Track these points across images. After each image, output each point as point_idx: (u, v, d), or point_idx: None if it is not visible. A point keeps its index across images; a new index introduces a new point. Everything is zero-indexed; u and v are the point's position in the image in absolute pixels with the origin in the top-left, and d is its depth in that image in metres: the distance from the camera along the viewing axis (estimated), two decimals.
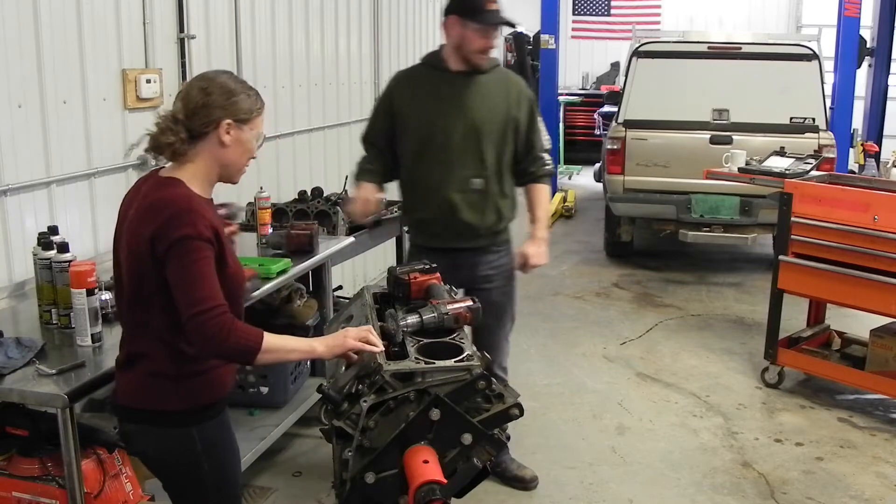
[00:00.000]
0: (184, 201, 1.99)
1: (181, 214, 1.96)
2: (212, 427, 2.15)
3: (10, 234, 3.05)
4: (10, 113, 3.01)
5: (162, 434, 2.12)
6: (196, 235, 1.95)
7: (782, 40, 7.67)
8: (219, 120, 2.04)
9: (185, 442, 2.11)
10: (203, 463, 2.13)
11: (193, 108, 2.04)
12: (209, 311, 1.92)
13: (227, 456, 2.24)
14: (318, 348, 2.09)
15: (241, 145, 2.10)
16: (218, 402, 2.18)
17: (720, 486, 3.71)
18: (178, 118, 2.04)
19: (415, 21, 7.59)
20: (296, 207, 4.36)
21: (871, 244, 4.02)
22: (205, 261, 1.95)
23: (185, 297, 1.94)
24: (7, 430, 2.42)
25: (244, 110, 2.08)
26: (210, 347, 1.97)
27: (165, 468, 2.20)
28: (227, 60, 4.37)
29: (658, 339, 5.61)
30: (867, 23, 9.93)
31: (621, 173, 6.85)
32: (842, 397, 4.62)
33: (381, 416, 1.93)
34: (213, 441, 2.16)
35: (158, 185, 2.06)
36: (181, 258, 1.94)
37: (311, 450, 3.93)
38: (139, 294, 2.05)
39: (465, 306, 2.20)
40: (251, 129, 2.11)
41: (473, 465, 1.95)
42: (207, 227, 1.98)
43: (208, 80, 2.10)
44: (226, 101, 2.05)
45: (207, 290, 1.94)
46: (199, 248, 1.95)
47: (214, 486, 2.19)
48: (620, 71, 11.28)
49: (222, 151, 2.08)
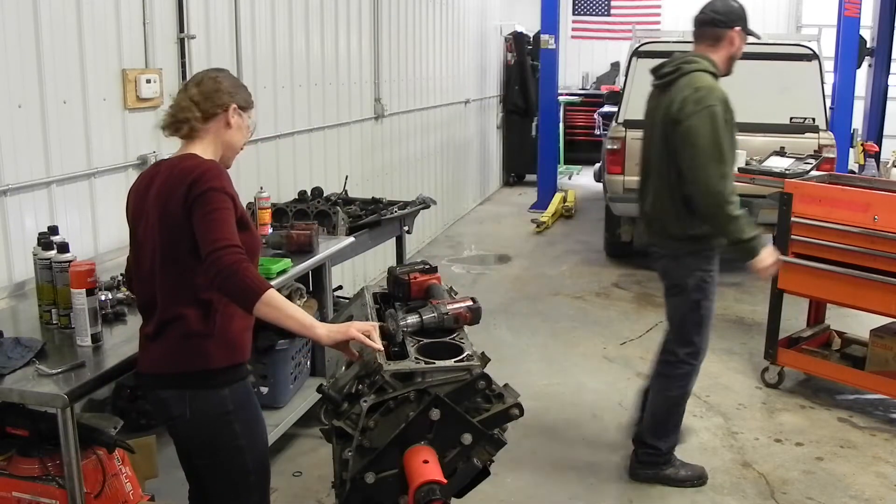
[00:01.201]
0: (210, 163, 2.25)
1: (209, 171, 2.19)
2: (241, 387, 2.32)
3: (10, 234, 3.05)
4: (10, 113, 3.01)
5: (195, 396, 2.24)
6: (221, 188, 2.17)
7: (782, 40, 7.67)
8: (228, 104, 2.35)
9: (218, 402, 2.25)
10: (234, 424, 2.27)
11: (207, 92, 2.34)
12: (227, 247, 2.08)
13: (255, 417, 2.38)
14: (318, 329, 2.13)
15: (240, 129, 2.41)
16: (243, 365, 2.33)
17: (720, 486, 3.71)
18: (194, 100, 2.32)
19: (415, 21, 7.60)
20: (296, 207, 4.36)
21: (871, 244, 4.01)
22: (227, 211, 2.16)
23: (208, 237, 2.11)
24: (7, 430, 2.42)
25: (245, 99, 2.43)
26: (220, 278, 2.07)
27: (200, 431, 2.28)
28: (227, 60, 4.37)
29: (658, 339, 5.55)
30: (867, 23, 9.93)
31: (621, 173, 6.84)
32: (842, 397, 4.62)
33: (381, 416, 1.93)
34: (243, 401, 2.31)
35: (180, 159, 2.29)
36: (206, 206, 2.14)
37: (311, 450, 3.93)
38: (174, 256, 2.20)
39: (465, 306, 2.20)
40: (249, 116, 2.44)
41: (473, 465, 1.96)
42: (231, 185, 2.23)
43: (216, 72, 2.43)
44: (233, 89, 2.39)
45: (228, 232, 2.12)
46: (223, 200, 2.16)
47: (247, 447, 2.31)
48: (620, 71, 11.28)
49: (227, 132, 2.37)
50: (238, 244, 2.11)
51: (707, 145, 3.14)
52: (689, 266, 3.38)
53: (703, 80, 3.22)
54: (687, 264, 3.38)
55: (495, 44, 11.33)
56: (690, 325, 3.49)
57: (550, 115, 10.17)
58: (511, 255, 7.95)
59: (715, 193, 3.15)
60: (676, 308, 3.52)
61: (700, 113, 3.14)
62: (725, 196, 3.15)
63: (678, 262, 3.42)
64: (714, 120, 3.14)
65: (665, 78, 3.37)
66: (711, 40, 3.33)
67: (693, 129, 3.14)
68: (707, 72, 3.27)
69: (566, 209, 9.77)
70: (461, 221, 9.58)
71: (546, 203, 9.84)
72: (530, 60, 11.30)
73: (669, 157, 3.29)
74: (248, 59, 4.56)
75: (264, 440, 2.47)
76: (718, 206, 3.17)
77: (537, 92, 10.45)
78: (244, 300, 2.09)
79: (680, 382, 3.58)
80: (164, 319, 2.23)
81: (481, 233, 9.00)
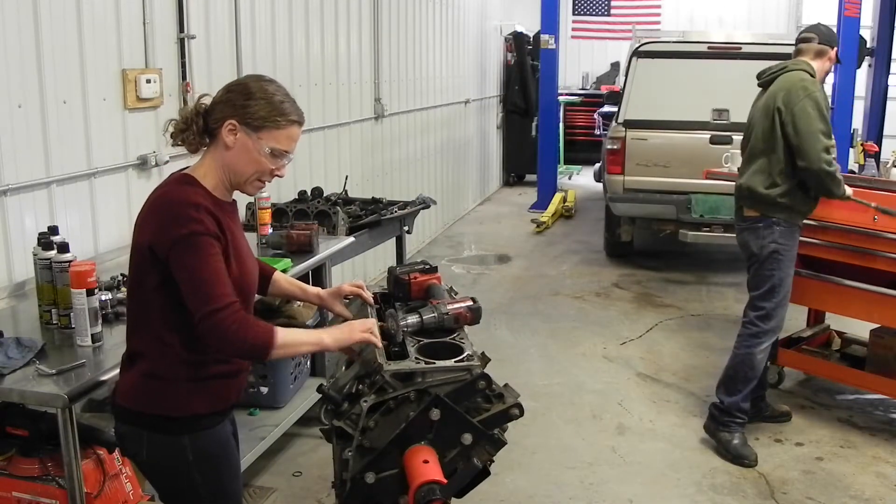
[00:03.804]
0: (184, 198, 1.94)
1: (181, 212, 1.91)
2: (207, 438, 2.07)
3: (10, 234, 3.05)
4: (10, 113, 3.01)
5: (152, 439, 2.05)
6: (202, 231, 1.90)
7: (782, 40, 7.67)
8: (224, 118, 1.99)
9: (175, 450, 2.04)
10: (194, 474, 2.06)
11: (213, 103, 2.04)
12: (223, 308, 1.88)
13: (222, 470, 2.14)
14: (325, 340, 2.07)
15: (246, 153, 2.01)
16: (216, 414, 2.09)
17: (720, 486, 3.71)
18: (199, 110, 2.03)
19: (415, 21, 7.60)
20: (296, 207, 4.36)
21: (871, 244, 4.01)
22: (214, 257, 1.91)
23: (197, 295, 1.89)
24: (7, 430, 2.42)
25: (257, 116, 1.99)
26: (226, 345, 1.93)
27: (155, 475, 2.14)
28: (227, 60, 4.37)
29: (658, 339, 5.61)
30: (867, 23, 9.92)
31: (621, 173, 6.85)
32: (842, 397, 4.62)
33: (382, 416, 1.93)
34: (207, 453, 2.08)
35: (168, 182, 2.05)
36: (189, 255, 1.89)
37: (311, 450, 3.93)
38: (140, 291, 2.01)
39: (465, 306, 2.20)
40: (261, 139, 2.00)
41: (473, 464, 1.95)
42: (213, 222, 1.93)
43: (245, 80, 2.07)
44: (240, 101, 2.00)
45: (220, 286, 1.90)
46: (207, 244, 1.91)
47: (208, 499, 2.11)
48: (620, 71, 11.30)
49: (225, 153, 2.02)
50: (234, 298, 1.91)
51: (814, 125, 3.70)
52: (765, 237, 3.85)
53: (805, 76, 3.82)
54: (763, 236, 3.86)
55: (495, 44, 11.33)
56: (764, 293, 3.92)
57: (550, 115, 10.17)
58: (511, 255, 7.95)
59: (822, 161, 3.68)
60: (753, 276, 3.98)
61: (806, 99, 3.73)
62: (830, 163, 3.70)
63: (756, 234, 3.88)
64: (817, 105, 3.73)
65: (769, 76, 3.95)
66: (814, 54, 3.95)
67: (802, 111, 3.72)
68: (808, 73, 3.86)
69: (566, 209, 9.78)
70: (461, 221, 9.58)
71: (546, 203, 9.84)
72: (530, 60, 11.30)
73: (774, 138, 3.81)
74: (248, 59, 4.56)
75: (235, 491, 2.20)
76: (826, 174, 3.71)
77: (537, 92, 10.44)
78: (256, 356, 1.99)
79: (746, 342, 4.00)
80: (131, 350, 2.08)
81: (481, 233, 9.00)
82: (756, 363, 3.97)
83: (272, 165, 2.04)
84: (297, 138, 2.08)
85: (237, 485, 2.22)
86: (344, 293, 2.37)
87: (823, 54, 3.96)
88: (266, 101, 2.00)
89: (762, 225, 3.86)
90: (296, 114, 2.06)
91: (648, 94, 6.91)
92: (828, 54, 3.97)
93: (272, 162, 2.03)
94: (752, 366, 3.97)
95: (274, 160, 2.04)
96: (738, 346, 4.05)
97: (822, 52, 3.96)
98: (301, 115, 2.08)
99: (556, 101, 10.54)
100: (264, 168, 2.04)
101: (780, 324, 4.00)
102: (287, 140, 2.04)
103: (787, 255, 3.86)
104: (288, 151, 2.05)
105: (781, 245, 3.84)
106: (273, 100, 2.01)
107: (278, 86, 2.08)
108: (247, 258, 2.12)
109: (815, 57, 3.96)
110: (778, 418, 4.31)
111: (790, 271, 3.90)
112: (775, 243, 3.83)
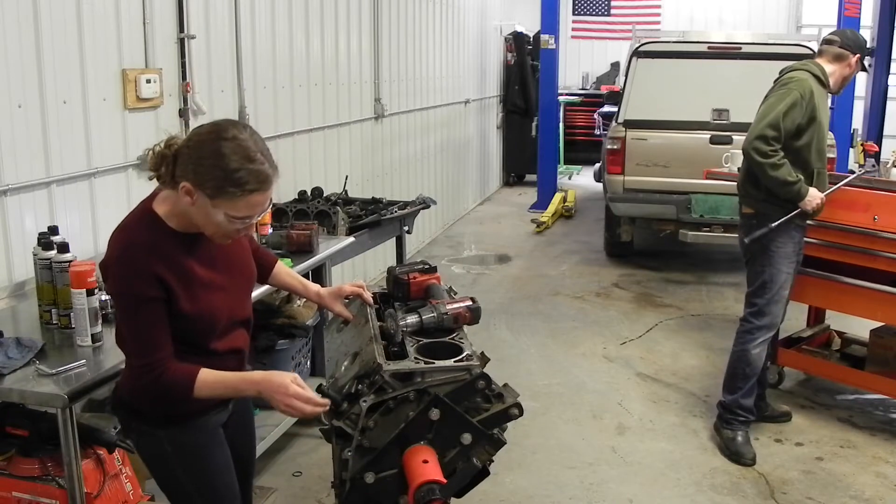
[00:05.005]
0: (127, 249, 1.91)
1: (117, 270, 1.92)
2: (184, 432, 2.10)
3: (10, 234, 3.05)
4: (10, 113, 3.01)
5: (138, 429, 2.13)
6: (125, 292, 1.92)
7: (782, 40, 7.67)
8: (183, 176, 1.87)
9: (153, 442, 2.11)
10: (175, 466, 2.11)
11: (178, 149, 1.90)
12: (144, 366, 1.96)
13: (207, 464, 2.15)
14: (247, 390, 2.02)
15: (205, 215, 1.90)
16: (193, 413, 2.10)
17: (720, 486, 3.71)
18: (167, 154, 1.91)
19: (415, 21, 7.60)
20: (296, 207, 4.36)
21: (871, 244, 4.01)
22: (142, 314, 1.92)
23: (127, 346, 2.03)
24: (7, 430, 2.42)
25: (208, 185, 1.84)
26: (145, 394, 2.02)
27: (147, 466, 2.22)
28: (227, 60, 4.37)
29: (658, 339, 5.61)
30: (867, 23, 9.92)
31: (621, 173, 6.85)
32: (842, 397, 4.62)
33: (381, 416, 1.93)
34: (186, 446, 2.10)
35: (133, 214, 2.02)
36: (120, 310, 2.01)
37: (311, 450, 3.93)
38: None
39: (464, 306, 2.20)
40: (216, 206, 1.86)
41: (473, 464, 1.96)
42: (146, 278, 1.88)
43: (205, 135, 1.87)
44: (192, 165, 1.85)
45: (141, 344, 1.96)
46: (130, 306, 1.93)
47: (196, 493, 2.14)
48: (620, 71, 11.30)
49: (189, 207, 1.90)
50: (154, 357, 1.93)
51: (771, 115, 3.68)
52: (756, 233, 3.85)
53: (800, 76, 3.79)
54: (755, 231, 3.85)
55: (495, 44, 11.32)
56: (755, 289, 3.95)
57: (550, 115, 10.17)
58: (511, 255, 7.95)
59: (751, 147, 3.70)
60: (748, 273, 4.01)
61: (786, 92, 3.72)
62: (766, 151, 3.68)
63: (749, 230, 3.88)
64: (792, 103, 3.68)
65: (782, 74, 3.94)
66: (832, 57, 3.90)
67: (775, 100, 3.74)
68: (811, 73, 3.81)
69: (566, 209, 9.78)
70: (461, 221, 9.58)
71: (546, 203, 9.84)
72: (530, 60, 11.30)
73: None
74: (248, 59, 4.56)
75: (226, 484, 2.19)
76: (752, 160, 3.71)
77: (537, 92, 10.44)
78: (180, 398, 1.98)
79: (740, 339, 4.03)
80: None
81: (481, 233, 9.00)
82: (752, 359, 3.97)
83: (236, 226, 1.93)
84: (261, 203, 1.91)
85: (228, 478, 2.20)
86: (345, 293, 2.39)
87: (843, 59, 3.91)
88: (220, 168, 1.83)
89: (755, 221, 3.87)
90: (254, 182, 1.86)
91: (648, 94, 6.91)
92: (848, 60, 3.91)
93: (235, 224, 1.92)
94: (749, 362, 3.97)
95: (236, 222, 1.92)
96: (734, 344, 4.08)
97: (842, 57, 3.90)
98: (263, 181, 1.87)
99: (556, 101, 10.54)
100: (226, 230, 1.94)
101: (775, 321, 3.99)
102: (246, 208, 1.88)
103: (778, 251, 3.84)
104: (250, 216, 1.92)
105: (773, 241, 3.83)
106: (228, 167, 1.83)
107: (241, 143, 1.86)
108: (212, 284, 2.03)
109: (832, 60, 3.91)
110: (778, 418, 4.31)
111: (783, 268, 3.86)
112: (766, 238, 3.83)
